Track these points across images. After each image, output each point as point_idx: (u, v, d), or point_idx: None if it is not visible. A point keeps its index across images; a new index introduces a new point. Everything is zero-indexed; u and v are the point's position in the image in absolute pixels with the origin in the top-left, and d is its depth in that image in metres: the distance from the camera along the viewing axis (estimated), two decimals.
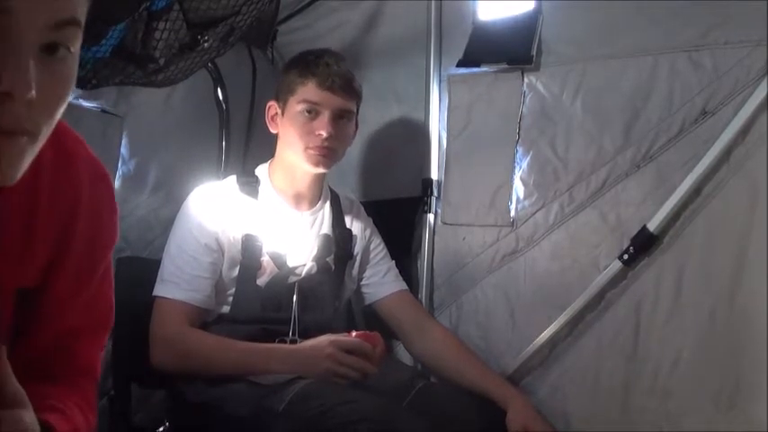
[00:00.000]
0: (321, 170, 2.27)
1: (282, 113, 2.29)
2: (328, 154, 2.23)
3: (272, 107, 2.34)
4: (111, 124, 2.47)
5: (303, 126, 2.23)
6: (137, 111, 2.53)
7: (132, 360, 2.15)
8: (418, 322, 2.42)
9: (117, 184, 2.47)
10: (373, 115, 2.82)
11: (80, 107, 2.32)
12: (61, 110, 0.98)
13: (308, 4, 2.97)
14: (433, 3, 2.68)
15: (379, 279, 2.48)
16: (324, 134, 2.20)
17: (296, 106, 2.24)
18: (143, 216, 2.58)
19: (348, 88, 2.26)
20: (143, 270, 2.23)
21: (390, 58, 2.84)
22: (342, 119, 2.26)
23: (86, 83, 1.94)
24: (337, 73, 2.24)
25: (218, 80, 2.76)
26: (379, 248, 2.51)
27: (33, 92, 0.89)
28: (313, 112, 2.22)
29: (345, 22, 2.92)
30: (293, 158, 2.27)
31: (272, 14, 2.99)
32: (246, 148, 2.91)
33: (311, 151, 2.22)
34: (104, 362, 1.41)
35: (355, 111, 2.32)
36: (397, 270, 2.51)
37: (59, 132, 1.04)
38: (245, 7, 2.10)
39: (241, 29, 2.18)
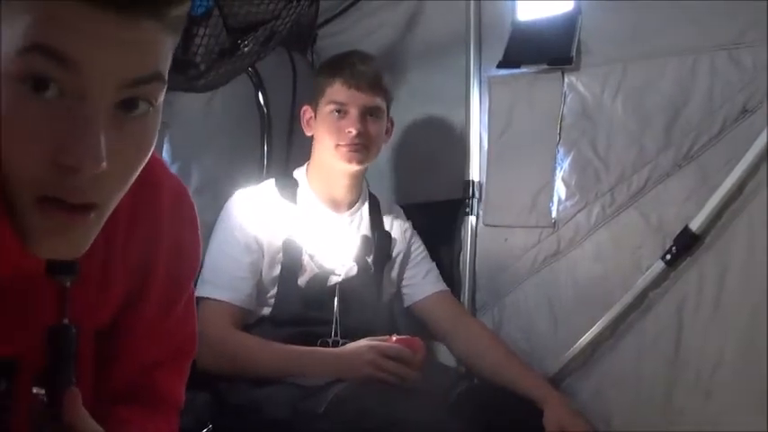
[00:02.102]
0: (354, 166, 2.32)
1: (315, 116, 2.37)
2: (359, 149, 2.29)
3: (307, 111, 2.42)
4: None
5: (333, 125, 2.30)
6: (178, 116, 2.56)
7: None
8: (459, 321, 2.45)
9: None
10: (413, 117, 2.86)
11: None
12: (137, 173, 0.90)
13: (348, 8, 3.02)
14: (471, 3, 2.70)
15: (420, 280, 2.52)
16: (353, 131, 2.27)
17: (325, 107, 2.32)
18: None
19: (374, 86, 2.32)
20: None
21: (430, 59, 2.86)
22: (370, 116, 2.32)
23: None
24: (363, 71, 2.31)
25: (259, 84, 2.79)
26: (419, 250, 2.56)
27: (104, 164, 0.80)
28: (342, 111, 2.30)
29: (384, 24, 2.96)
30: (327, 158, 2.33)
31: (312, 18, 3.04)
32: (288, 151, 2.94)
33: (342, 148, 2.28)
34: None
35: (385, 108, 2.37)
36: (437, 271, 2.55)
37: None
38: (285, 11, 2.14)
39: (281, 33, 2.21)
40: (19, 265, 0.93)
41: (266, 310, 2.27)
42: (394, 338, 2.14)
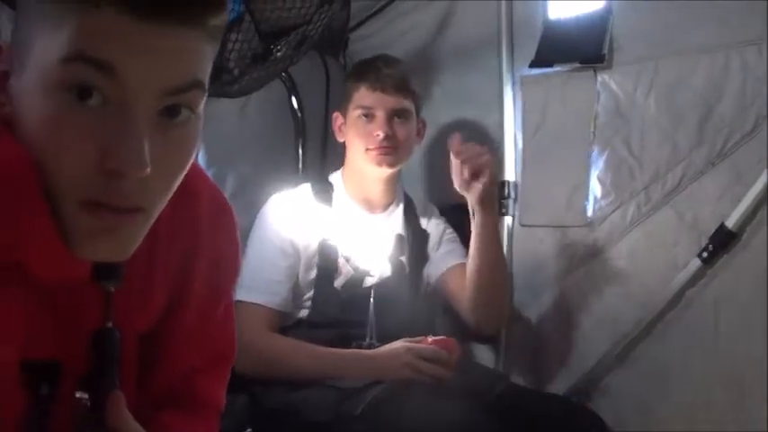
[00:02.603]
0: (386, 169, 2.35)
1: (345, 122, 2.42)
2: (389, 152, 2.32)
3: (338, 118, 2.47)
4: None
5: (361, 130, 2.35)
6: (212, 121, 2.56)
7: None
8: None
9: None
10: (447, 118, 2.88)
11: None
12: (180, 178, 0.93)
13: (379, 10, 3.05)
14: (503, 3, 2.73)
15: (441, 256, 2.53)
16: (380, 134, 2.30)
17: (353, 112, 2.37)
18: None
19: (400, 88, 2.35)
20: None
21: (462, 60, 2.89)
22: (398, 118, 2.35)
23: None
24: (388, 74, 2.34)
25: (292, 89, 2.82)
26: (451, 235, 2.58)
27: (148, 169, 0.84)
28: (369, 115, 2.34)
29: (416, 26, 2.98)
30: (360, 163, 2.37)
31: (344, 22, 3.07)
32: (323, 155, 2.97)
33: (372, 152, 2.32)
34: None
35: (412, 109, 2.39)
36: (462, 250, 2.52)
37: None
38: (316, 15, 2.16)
39: (313, 37, 2.24)
40: (65, 270, 0.94)
41: (303, 313, 2.31)
42: (430, 339, 2.16)
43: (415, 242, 2.50)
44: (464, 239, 2.61)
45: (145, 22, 0.82)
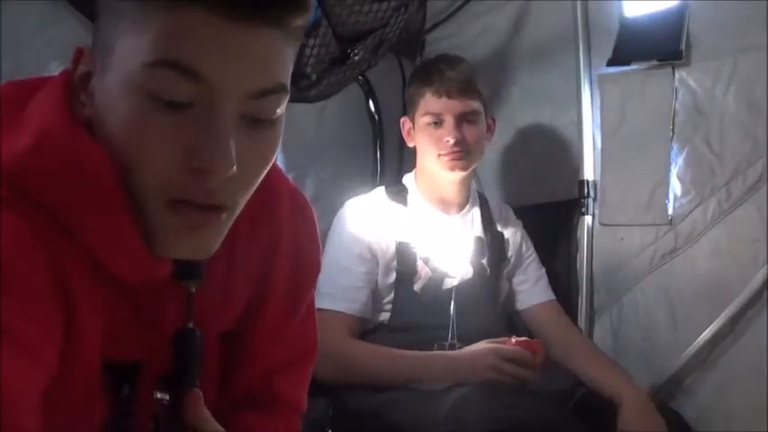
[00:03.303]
0: (459, 173, 2.38)
1: (414, 127, 2.45)
2: (461, 156, 2.34)
3: (406, 122, 2.49)
4: None
5: (431, 136, 2.36)
6: (292, 126, 2.63)
7: None
8: (560, 329, 2.52)
9: None
10: (525, 118, 2.94)
11: None
12: (261, 177, 0.96)
13: (455, 12, 3.08)
14: (578, 3, 2.76)
15: (530, 287, 2.58)
16: (451, 140, 2.31)
17: (421, 119, 2.39)
18: None
19: (466, 90, 2.35)
20: None
21: (539, 59, 2.93)
22: (467, 121, 2.36)
23: None
24: (452, 78, 2.34)
25: (370, 92, 2.89)
26: (529, 253, 2.61)
27: (234, 167, 0.87)
28: (437, 121, 2.35)
29: (492, 26, 3.03)
30: (432, 167, 2.40)
31: (420, 24, 3.10)
32: (401, 158, 3.02)
33: (443, 157, 2.34)
34: None
35: (481, 109, 2.40)
36: (546, 279, 2.60)
37: None
38: (393, 18, 2.23)
39: (390, 40, 2.30)
40: (146, 270, 0.97)
41: (383, 317, 2.35)
42: (513, 340, 2.17)
43: (494, 245, 2.52)
44: (544, 239, 2.70)
45: (231, 24, 0.84)
